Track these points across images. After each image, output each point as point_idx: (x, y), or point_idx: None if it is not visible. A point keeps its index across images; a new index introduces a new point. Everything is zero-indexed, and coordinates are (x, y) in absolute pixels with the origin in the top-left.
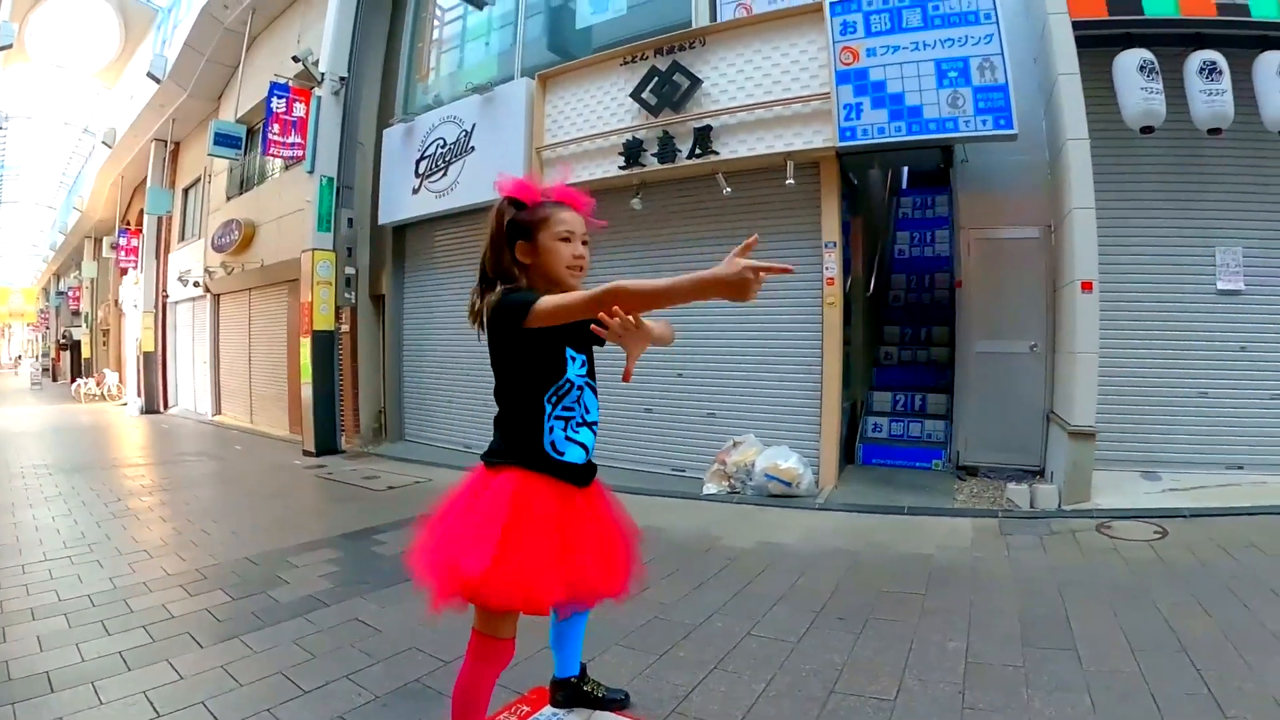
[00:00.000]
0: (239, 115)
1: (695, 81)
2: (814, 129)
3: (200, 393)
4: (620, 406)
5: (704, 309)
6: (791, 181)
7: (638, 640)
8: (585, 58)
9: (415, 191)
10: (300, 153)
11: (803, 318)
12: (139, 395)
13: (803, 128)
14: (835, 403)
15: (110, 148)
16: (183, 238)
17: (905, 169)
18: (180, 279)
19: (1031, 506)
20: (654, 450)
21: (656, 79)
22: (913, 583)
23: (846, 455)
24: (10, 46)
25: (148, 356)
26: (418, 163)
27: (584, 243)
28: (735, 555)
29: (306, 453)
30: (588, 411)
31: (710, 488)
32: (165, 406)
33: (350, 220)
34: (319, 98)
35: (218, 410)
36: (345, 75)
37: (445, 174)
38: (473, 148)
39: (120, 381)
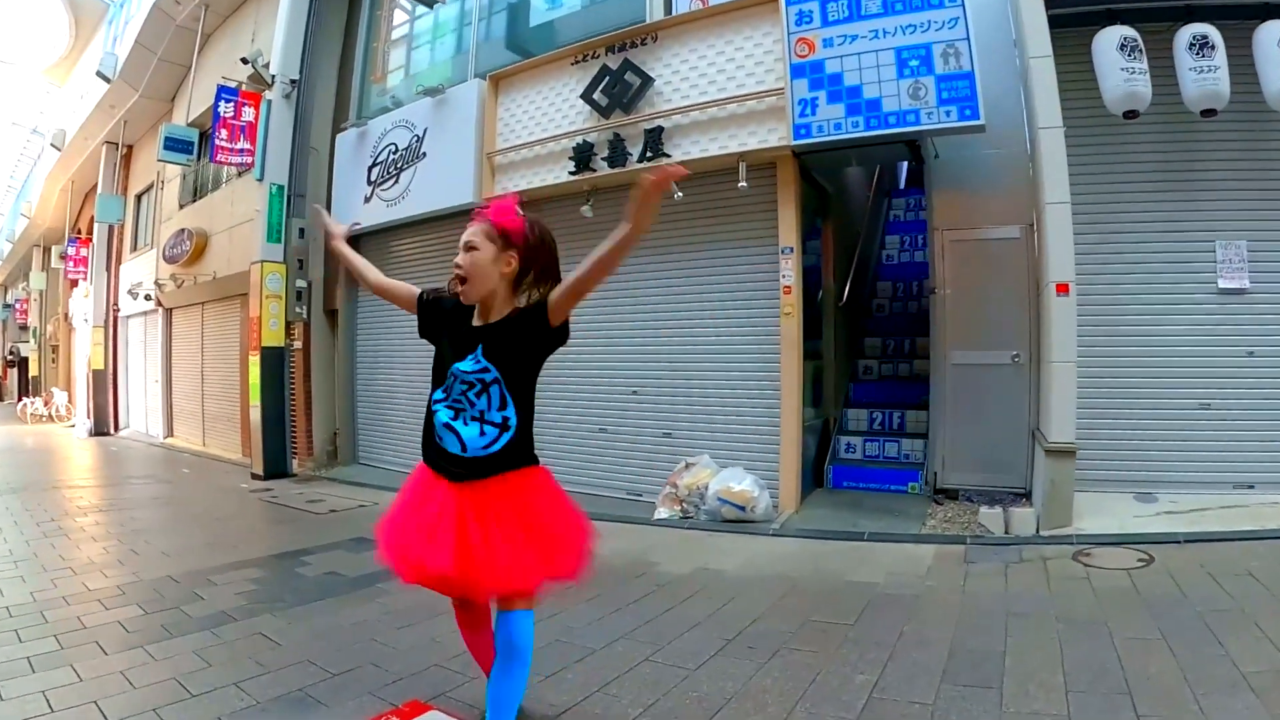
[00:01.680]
0: (191, 118)
1: (647, 80)
2: (768, 127)
3: (152, 413)
4: (572, 426)
5: (658, 320)
6: (745, 184)
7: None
8: (536, 57)
9: (367, 200)
10: (249, 159)
11: (759, 330)
12: (88, 416)
13: (757, 126)
14: (795, 421)
15: (60, 150)
16: (135, 248)
17: (905, 168)
18: (130, 292)
19: (1006, 532)
20: (608, 473)
21: (608, 79)
22: (844, 612)
23: (815, 478)
24: None
25: (97, 374)
26: (370, 169)
27: (467, 248)
28: (667, 581)
29: (255, 476)
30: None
31: (662, 512)
32: (116, 428)
33: (302, 231)
34: (269, 101)
35: (169, 432)
36: (297, 77)
37: (397, 181)
38: (424, 153)
39: (70, 401)
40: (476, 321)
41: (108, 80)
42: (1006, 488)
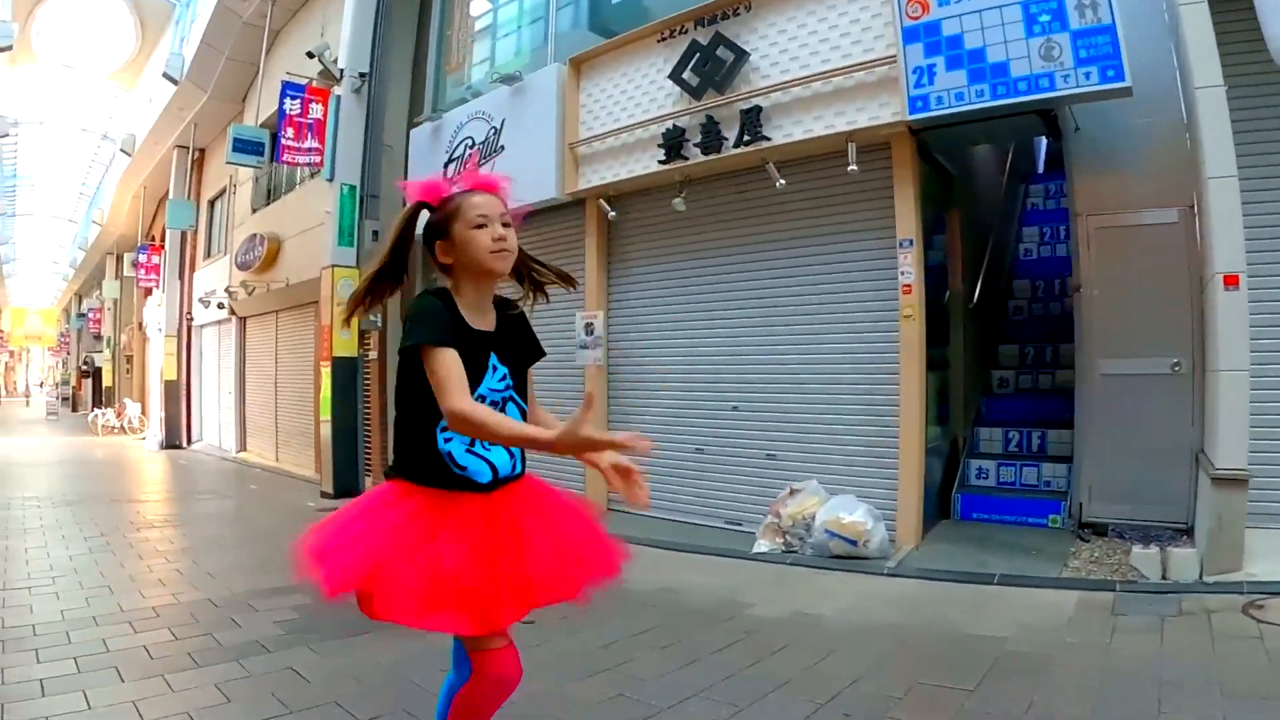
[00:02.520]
0: (262, 119)
1: (741, 55)
2: (880, 101)
3: (225, 426)
4: (666, 445)
5: (761, 327)
6: (855, 168)
7: (584, 716)
8: (618, 36)
9: None
10: (318, 159)
11: (875, 335)
12: (160, 428)
13: (866, 101)
14: (916, 442)
15: (130, 155)
16: (208, 254)
17: (1043, 147)
18: (202, 300)
19: (1163, 577)
20: (705, 499)
21: (698, 55)
22: (964, 673)
23: (940, 508)
24: (10, 48)
25: (169, 385)
26: (445, 166)
27: (505, 224)
28: (757, 627)
29: (325, 494)
30: None
31: (762, 545)
32: (189, 441)
33: (375, 233)
34: (338, 97)
35: (242, 446)
36: (366, 71)
37: None
38: (502, 147)
39: (143, 413)
40: (481, 326)
41: (175, 82)
42: (1164, 522)
